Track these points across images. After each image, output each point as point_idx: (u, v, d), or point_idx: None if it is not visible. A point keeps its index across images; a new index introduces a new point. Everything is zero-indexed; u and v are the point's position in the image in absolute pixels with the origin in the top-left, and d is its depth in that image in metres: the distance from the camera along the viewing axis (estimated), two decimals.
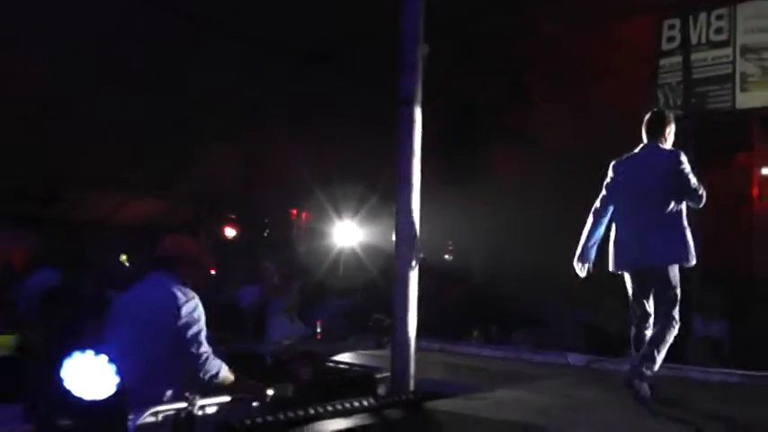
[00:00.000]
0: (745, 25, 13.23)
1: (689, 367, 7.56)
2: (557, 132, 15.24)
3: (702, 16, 13.51)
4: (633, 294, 6.00)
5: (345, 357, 7.78)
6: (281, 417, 4.24)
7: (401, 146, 5.30)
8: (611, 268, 6.09)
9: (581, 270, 6.20)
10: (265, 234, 20.67)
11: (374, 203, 13.95)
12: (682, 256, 5.78)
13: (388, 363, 5.50)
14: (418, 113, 5.31)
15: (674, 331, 5.77)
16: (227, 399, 4.74)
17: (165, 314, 4.79)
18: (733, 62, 13.41)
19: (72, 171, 14.21)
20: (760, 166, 15.19)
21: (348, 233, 15.80)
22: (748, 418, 5.24)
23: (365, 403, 4.73)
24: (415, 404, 4.96)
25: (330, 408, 4.50)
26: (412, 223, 5.26)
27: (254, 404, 4.86)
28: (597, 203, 6.26)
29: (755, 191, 15.17)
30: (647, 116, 6.29)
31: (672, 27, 13.83)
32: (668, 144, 6.09)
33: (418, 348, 5.62)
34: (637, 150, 6.22)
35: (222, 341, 6.41)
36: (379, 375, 5.73)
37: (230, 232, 19.52)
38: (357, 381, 5.72)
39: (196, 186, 15.61)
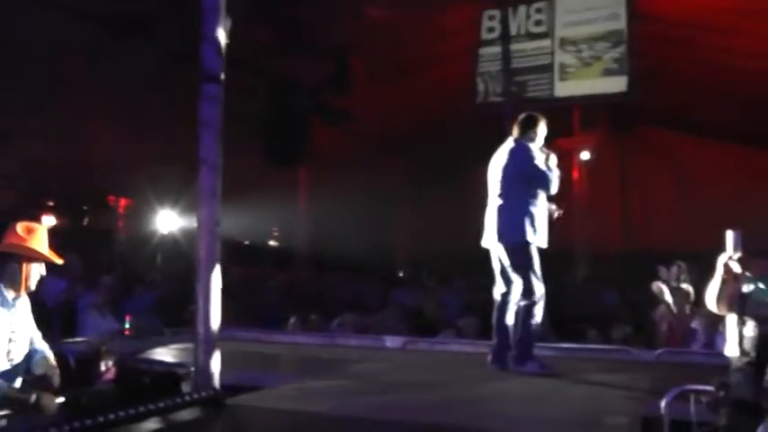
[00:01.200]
0: (564, 19, 13.53)
1: None
2: (380, 117, 15.17)
3: (522, 9, 13.73)
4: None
5: (156, 353, 7.35)
6: (66, 428, 3.76)
7: (202, 125, 4.86)
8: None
9: None
10: (84, 222, 19.59)
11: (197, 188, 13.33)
12: (517, 237, 6.13)
13: None
14: (221, 91, 4.88)
15: (534, 306, 6.09)
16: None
17: None
18: (552, 53, 13.70)
19: None
20: (579, 151, 15.74)
21: (169, 220, 15.18)
22: (551, 390, 5.32)
23: (161, 405, 4.30)
24: (216, 401, 4.59)
25: (122, 413, 4.05)
26: (214, 209, 4.85)
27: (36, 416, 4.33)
28: None
29: (575, 174, 15.70)
30: (520, 115, 6.67)
31: (492, 18, 13.98)
32: (538, 141, 6.44)
33: (231, 339, 5.28)
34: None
35: None
36: (183, 372, 5.31)
37: (48, 221, 18.31)
38: (160, 380, 5.27)
39: (12, 171, 14.51)
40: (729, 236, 4.35)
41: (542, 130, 6.46)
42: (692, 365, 6.75)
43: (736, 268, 4.32)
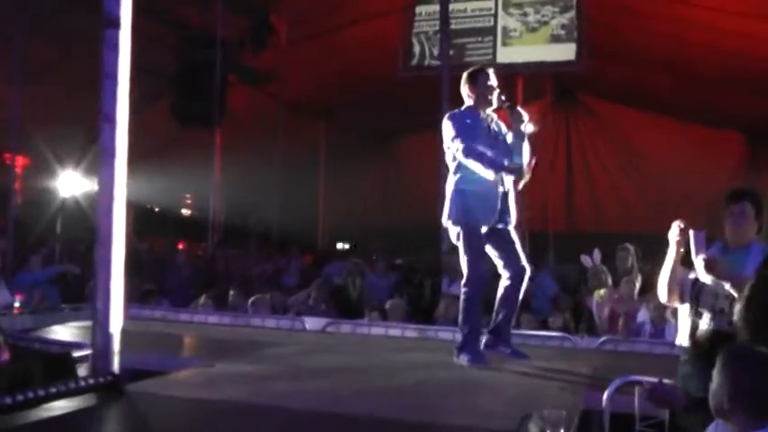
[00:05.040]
0: None
1: (436, 327, 7.96)
2: (303, 78, 14.97)
3: None
4: None
5: (51, 332, 7.16)
6: None
7: (104, 76, 4.68)
8: None
9: None
10: None
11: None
12: (452, 217, 5.98)
13: None
14: (125, 38, 4.70)
15: (468, 293, 5.90)
16: None
17: None
18: (494, 15, 13.68)
19: None
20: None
21: (72, 182, 14.79)
22: (483, 379, 5.32)
23: (52, 390, 4.14)
24: (114, 386, 4.44)
25: (7, 400, 3.88)
26: (117, 170, 4.68)
27: None
28: None
29: None
30: None
31: None
32: (484, 97, 6.12)
33: (135, 318, 5.13)
34: None
35: None
36: (79, 354, 5.14)
37: None
38: (52, 362, 5.10)
39: None
40: (692, 236, 4.33)
41: (485, 83, 6.11)
42: (637, 355, 6.83)
43: (701, 271, 4.29)
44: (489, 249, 6.01)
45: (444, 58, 11.09)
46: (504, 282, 6.00)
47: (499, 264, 6.02)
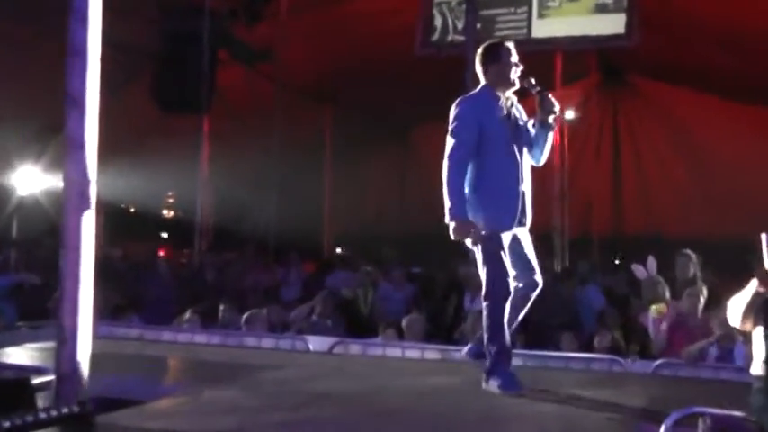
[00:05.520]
0: None
1: (461, 347, 7.80)
2: (306, 55, 14.97)
3: None
4: None
5: (6, 354, 7.20)
6: None
7: (72, 54, 4.70)
8: None
9: None
10: None
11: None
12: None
13: None
14: (97, 9, 4.71)
15: (490, 308, 5.85)
16: None
17: None
18: None
19: None
20: (563, 110, 15.76)
21: (30, 179, 14.87)
22: (516, 408, 5.34)
23: (6, 424, 4.15)
24: (82, 418, 4.45)
25: None
26: (85, 162, 4.69)
27: None
28: None
29: (556, 138, 15.75)
30: None
31: None
32: (504, 77, 6.01)
33: (107, 337, 5.13)
34: None
35: None
36: (40, 380, 5.15)
37: None
38: (7, 389, 5.11)
39: None
40: (765, 241, 4.29)
41: (506, 58, 6.00)
42: (700, 382, 6.80)
43: None
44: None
45: (470, 32, 11.05)
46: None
47: (510, 273, 5.95)
